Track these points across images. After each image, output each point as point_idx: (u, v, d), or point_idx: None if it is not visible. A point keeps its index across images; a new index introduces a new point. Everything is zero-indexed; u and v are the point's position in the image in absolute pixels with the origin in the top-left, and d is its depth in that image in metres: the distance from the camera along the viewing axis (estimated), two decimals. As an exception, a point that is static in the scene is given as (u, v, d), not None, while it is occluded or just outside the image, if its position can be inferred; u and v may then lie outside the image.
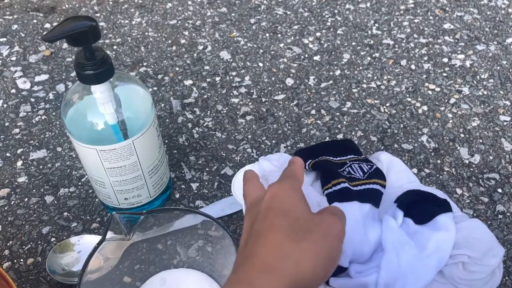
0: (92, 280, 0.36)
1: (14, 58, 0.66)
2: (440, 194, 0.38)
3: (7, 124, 0.57)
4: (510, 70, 0.62)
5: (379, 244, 0.35)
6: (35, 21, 0.73)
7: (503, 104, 0.57)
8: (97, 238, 0.44)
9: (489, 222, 0.45)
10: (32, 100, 0.60)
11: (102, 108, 0.38)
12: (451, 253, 0.34)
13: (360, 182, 0.39)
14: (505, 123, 0.55)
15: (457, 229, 0.35)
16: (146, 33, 0.70)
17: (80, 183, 0.50)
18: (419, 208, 0.36)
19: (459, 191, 0.48)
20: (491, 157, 0.51)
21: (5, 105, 0.59)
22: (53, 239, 0.45)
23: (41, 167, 0.52)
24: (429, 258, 0.33)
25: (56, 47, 0.68)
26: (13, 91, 0.61)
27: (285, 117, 0.56)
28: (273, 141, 0.54)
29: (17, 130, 0.56)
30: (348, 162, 0.41)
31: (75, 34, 0.33)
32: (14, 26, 0.72)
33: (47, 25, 0.72)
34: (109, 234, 0.34)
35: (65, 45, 0.68)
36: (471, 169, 0.50)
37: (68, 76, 0.63)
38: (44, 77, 0.63)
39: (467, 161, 0.51)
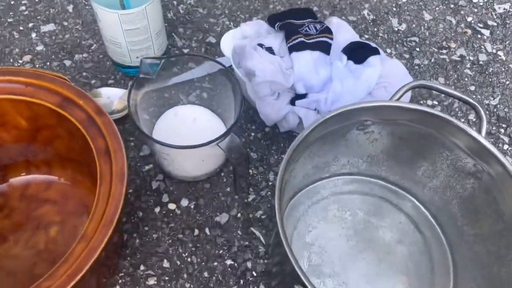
0: (133, 112, 0.48)
1: None
2: (373, 44, 0.53)
3: (12, 2, 0.65)
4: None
5: (329, 79, 0.51)
6: None
7: (427, -16, 0.71)
8: (118, 89, 0.57)
9: (409, 72, 0.62)
10: (29, -19, 0.67)
11: (118, -20, 0.48)
12: (377, 81, 0.50)
13: (313, 36, 0.53)
14: (427, -1, 0.70)
15: (383, 66, 0.50)
16: None
17: (90, 50, 0.61)
18: (358, 52, 0.51)
19: (388, 50, 0.64)
20: (414, 25, 0.67)
21: (5, -14, 0.66)
22: (79, 92, 0.57)
23: (53, 37, 0.62)
24: (362, 85, 0.49)
25: None
26: (9, -27, 0.68)
27: (255, -5, 0.68)
28: (247, 15, 0.66)
29: (23, 8, 0.64)
30: (306, 23, 0.55)
31: None
32: None
33: None
34: (141, 74, 0.47)
35: None
36: (399, 35, 0.66)
37: (57, -41, 0.70)
38: (34, -40, 0.69)
39: (396, 29, 0.66)
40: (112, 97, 0.54)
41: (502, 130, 0.57)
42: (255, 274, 0.47)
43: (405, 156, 0.44)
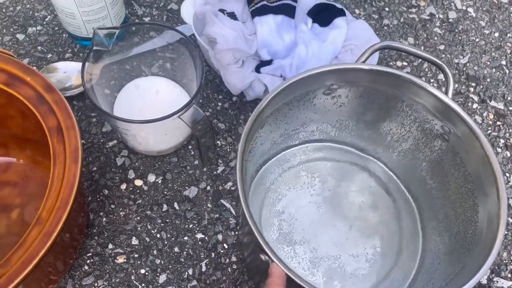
0: (88, 88, 0.46)
1: None
2: (339, 5, 0.51)
3: (-44, -27, 0.60)
4: None
5: (294, 44, 0.49)
6: None
7: None
8: (76, 63, 0.54)
9: (377, 33, 0.60)
10: (-27, -51, 0.62)
11: None
12: (343, 44, 0.48)
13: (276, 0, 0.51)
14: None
15: (349, 28, 0.49)
16: None
17: (45, 23, 0.57)
18: (323, 14, 0.49)
19: (357, 11, 0.62)
20: (383, -16, 0.65)
21: None
22: (34, 67, 0.54)
23: (4, 10, 0.58)
24: (327, 48, 0.47)
25: None
26: None
27: (217, -43, 0.64)
28: (209, -21, 0.63)
29: (-32, -21, 0.60)
30: (270, -14, 0.52)
31: None
32: None
33: None
34: (94, 47, 0.44)
35: None
36: (368, -6, 0.64)
37: None
38: None
39: (365, -12, 0.64)
40: (69, 71, 0.52)
41: (472, 89, 0.57)
42: (226, 247, 0.46)
43: (373, 120, 0.43)
